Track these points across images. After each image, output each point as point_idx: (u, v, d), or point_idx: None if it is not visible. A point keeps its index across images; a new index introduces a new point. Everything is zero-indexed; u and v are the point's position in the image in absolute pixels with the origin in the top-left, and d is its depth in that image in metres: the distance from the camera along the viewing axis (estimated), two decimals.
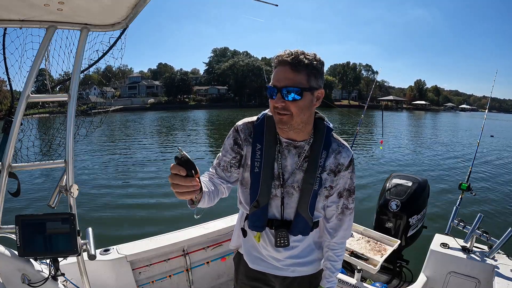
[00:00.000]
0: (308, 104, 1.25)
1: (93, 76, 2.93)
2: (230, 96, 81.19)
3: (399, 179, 3.47)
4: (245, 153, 1.42)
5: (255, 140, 1.39)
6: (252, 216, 1.43)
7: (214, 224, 2.90)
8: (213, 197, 1.31)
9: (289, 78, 1.19)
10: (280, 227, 1.41)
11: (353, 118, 29.52)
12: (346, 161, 1.42)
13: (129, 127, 29.15)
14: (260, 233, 1.47)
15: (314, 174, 1.36)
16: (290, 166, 1.39)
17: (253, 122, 1.43)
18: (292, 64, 1.19)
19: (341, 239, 1.54)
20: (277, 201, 1.40)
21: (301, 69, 1.19)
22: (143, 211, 7.12)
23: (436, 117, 63.00)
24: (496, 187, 9.44)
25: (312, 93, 1.24)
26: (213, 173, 1.46)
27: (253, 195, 1.40)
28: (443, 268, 2.66)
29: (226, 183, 1.45)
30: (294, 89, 1.18)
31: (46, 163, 1.76)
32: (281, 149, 1.38)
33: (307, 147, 1.38)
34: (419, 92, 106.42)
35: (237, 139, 1.43)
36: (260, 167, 1.37)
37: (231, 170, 1.44)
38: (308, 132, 1.38)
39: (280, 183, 1.38)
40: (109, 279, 2.39)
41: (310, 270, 1.57)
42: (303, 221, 1.41)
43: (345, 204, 1.49)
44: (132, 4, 1.47)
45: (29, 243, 1.57)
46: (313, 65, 1.21)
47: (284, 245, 1.42)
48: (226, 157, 1.44)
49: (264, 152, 1.37)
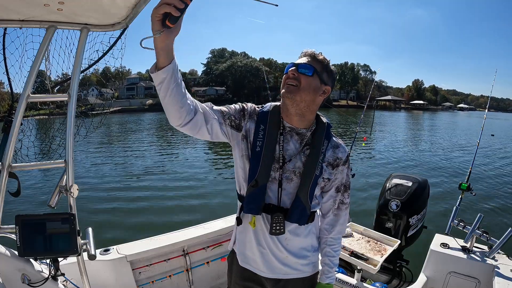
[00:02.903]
0: (315, 87, 1.35)
1: (92, 78, 2.91)
2: (228, 96, 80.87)
3: (399, 179, 3.47)
4: (248, 128, 1.43)
5: (259, 121, 1.43)
6: (248, 197, 1.41)
7: (214, 224, 2.90)
8: (180, 91, 1.20)
9: (307, 61, 1.36)
10: (277, 212, 1.40)
11: (350, 119, 29.56)
12: (344, 156, 1.48)
13: (127, 128, 29.12)
14: (255, 217, 1.44)
15: (316, 160, 1.40)
16: (292, 151, 1.42)
17: (259, 107, 1.50)
18: (313, 56, 1.38)
19: (338, 234, 1.59)
20: (275, 185, 1.41)
21: (319, 62, 1.37)
22: (143, 211, 7.13)
23: (434, 116, 63.06)
24: (496, 187, 9.46)
25: (321, 82, 1.36)
26: (206, 104, 1.38)
27: (252, 174, 1.40)
28: (443, 268, 2.66)
29: (213, 119, 1.35)
30: (308, 66, 1.34)
31: (46, 163, 1.76)
32: (284, 133, 1.42)
33: (309, 134, 1.43)
34: (417, 92, 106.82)
35: (244, 109, 1.46)
36: (262, 146, 1.39)
37: (226, 120, 1.40)
38: (310, 121, 1.44)
39: (279, 166, 1.40)
40: (109, 279, 2.39)
41: (304, 273, 1.57)
42: (301, 207, 1.41)
43: (341, 199, 1.54)
44: (132, 4, 1.47)
45: (29, 243, 1.57)
46: (329, 65, 1.40)
47: (280, 232, 1.40)
48: (228, 110, 1.43)
49: (267, 133, 1.40)
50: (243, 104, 1.48)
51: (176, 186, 9.07)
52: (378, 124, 31.85)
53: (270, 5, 1.47)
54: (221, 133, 1.39)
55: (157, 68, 1.13)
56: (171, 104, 1.20)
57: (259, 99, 72.83)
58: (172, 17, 1.00)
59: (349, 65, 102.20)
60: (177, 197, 7.94)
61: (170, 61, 1.12)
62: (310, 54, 1.38)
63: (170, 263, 2.67)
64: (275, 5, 1.48)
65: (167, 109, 1.22)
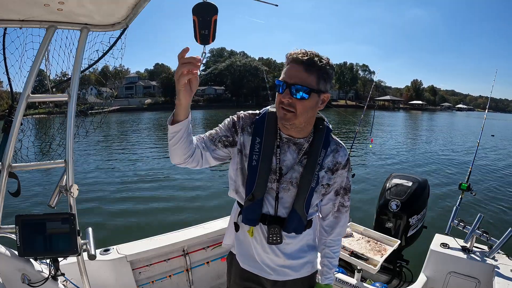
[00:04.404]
0: (313, 105, 1.29)
1: (91, 77, 2.90)
2: (227, 96, 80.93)
3: (399, 179, 3.47)
4: (242, 142, 1.42)
5: (255, 133, 1.41)
6: (246, 210, 1.42)
7: (214, 224, 2.90)
8: (189, 140, 1.31)
9: (300, 77, 1.23)
10: (273, 224, 1.40)
11: (349, 118, 29.56)
12: (343, 159, 1.46)
13: (127, 128, 29.09)
14: (253, 227, 1.46)
15: (312, 171, 1.38)
16: (289, 161, 1.40)
17: (255, 114, 1.46)
18: (306, 64, 1.23)
19: (337, 236, 1.59)
20: (272, 196, 1.41)
21: (313, 70, 1.24)
22: (143, 211, 7.12)
23: (433, 116, 63.19)
24: (496, 187, 9.48)
25: (319, 95, 1.29)
26: (198, 137, 1.43)
27: (249, 188, 1.39)
28: (443, 268, 2.66)
29: (205, 150, 1.40)
30: (303, 88, 1.22)
31: (46, 163, 1.75)
32: (281, 144, 1.40)
33: (307, 145, 1.40)
34: (416, 92, 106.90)
35: (235, 123, 1.44)
36: (258, 160, 1.38)
37: (217, 144, 1.42)
38: (308, 131, 1.41)
39: (276, 177, 1.39)
40: (109, 279, 2.38)
41: (302, 274, 1.57)
42: (298, 218, 1.41)
43: (341, 202, 1.53)
44: (132, 4, 1.47)
45: (29, 243, 1.56)
46: (325, 69, 1.27)
47: (277, 242, 1.41)
48: (218, 132, 1.44)
49: (263, 146, 1.38)
50: (234, 117, 1.46)
51: (176, 185, 9.07)
52: (378, 124, 31.85)
53: (270, 5, 1.47)
54: (214, 160, 1.44)
55: (174, 121, 1.23)
56: (180, 150, 1.30)
57: (258, 99, 72.89)
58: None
59: (348, 65, 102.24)
60: (177, 197, 7.94)
61: (187, 116, 1.24)
62: (299, 61, 1.24)
63: (170, 263, 2.67)
64: (275, 5, 1.48)
65: (174, 153, 1.31)
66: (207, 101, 76.40)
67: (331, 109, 43.40)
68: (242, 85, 79.48)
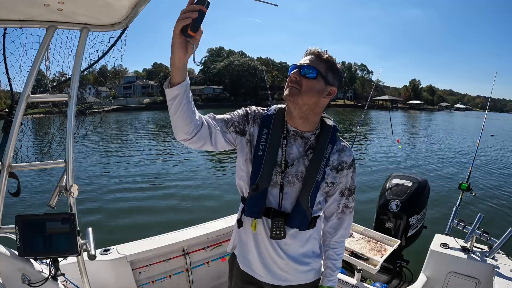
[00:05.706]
0: (318, 90, 1.32)
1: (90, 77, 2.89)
2: (226, 95, 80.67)
3: (399, 179, 3.48)
4: (252, 133, 1.43)
5: (263, 124, 1.42)
6: (249, 201, 1.41)
7: (214, 224, 2.90)
8: (190, 108, 1.24)
9: (312, 61, 1.32)
10: (277, 216, 1.40)
11: (347, 117, 29.58)
12: (349, 159, 1.46)
13: (126, 127, 29.05)
14: (256, 220, 1.44)
15: (318, 165, 1.38)
16: (295, 154, 1.41)
17: (264, 110, 1.48)
18: (318, 55, 1.33)
19: (341, 237, 1.58)
20: (277, 189, 1.40)
21: (324, 61, 1.33)
22: (143, 211, 7.11)
23: (432, 116, 63.25)
24: (496, 187, 9.48)
25: (325, 83, 1.33)
26: (209, 115, 1.40)
27: (253, 178, 1.39)
28: (443, 268, 2.67)
29: (216, 128, 1.37)
30: (311, 68, 1.30)
31: (46, 163, 1.75)
32: (287, 136, 1.41)
33: (313, 138, 1.41)
34: (414, 92, 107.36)
35: (248, 114, 1.45)
36: (264, 150, 1.38)
37: (229, 128, 1.41)
38: (314, 123, 1.42)
39: (281, 170, 1.39)
40: (109, 279, 2.38)
41: (305, 280, 1.55)
42: (302, 212, 1.40)
43: (345, 203, 1.52)
44: (132, 4, 1.47)
45: (29, 243, 1.56)
46: (335, 65, 1.36)
47: (280, 236, 1.40)
48: (231, 117, 1.44)
49: (270, 137, 1.39)
50: (246, 108, 1.47)
51: (176, 185, 9.06)
52: (377, 124, 31.87)
53: (269, 5, 1.47)
54: (225, 142, 1.40)
55: (171, 84, 1.18)
56: (181, 119, 1.23)
57: (256, 98, 72.76)
58: (192, 26, 1.06)
59: (346, 64, 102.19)
60: (177, 197, 7.93)
61: (184, 78, 1.18)
62: (314, 53, 1.34)
63: (170, 263, 2.67)
64: (275, 5, 1.48)
65: (177, 124, 1.26)
66: (206, 101, 76.15)
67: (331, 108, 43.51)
68: (240, 85, 79.20)
